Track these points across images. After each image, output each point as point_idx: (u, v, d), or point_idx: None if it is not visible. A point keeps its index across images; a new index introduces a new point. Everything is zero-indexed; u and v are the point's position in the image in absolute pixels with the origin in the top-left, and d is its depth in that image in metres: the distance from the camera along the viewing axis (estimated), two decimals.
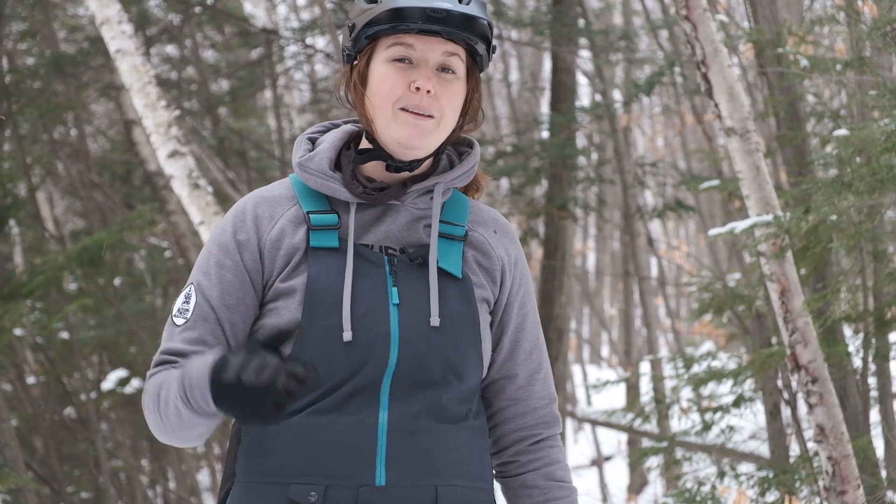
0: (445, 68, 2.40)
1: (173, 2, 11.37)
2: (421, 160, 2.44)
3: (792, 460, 6.94)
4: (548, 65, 17.36)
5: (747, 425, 8.85)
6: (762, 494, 6.53)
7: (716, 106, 4.77)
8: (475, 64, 2.47)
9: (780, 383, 7.09)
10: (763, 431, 8.33)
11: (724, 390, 7.66)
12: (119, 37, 6.84)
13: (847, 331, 6.80)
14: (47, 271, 7.79)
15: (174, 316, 2.42)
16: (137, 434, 12.13)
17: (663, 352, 21.41)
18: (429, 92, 2.36)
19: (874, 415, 6.51)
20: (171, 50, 13.63)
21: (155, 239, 12.87)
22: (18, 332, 9.47)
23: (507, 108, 17.75)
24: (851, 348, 6.20)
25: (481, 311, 2.45)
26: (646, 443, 12.11)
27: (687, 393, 8.91)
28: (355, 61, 2.46)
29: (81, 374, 9.87)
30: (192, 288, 2.43)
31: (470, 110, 2.49)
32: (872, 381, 6.35)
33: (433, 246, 2.41)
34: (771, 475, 6.52)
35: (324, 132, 2.57)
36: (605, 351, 27.45)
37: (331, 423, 2.32)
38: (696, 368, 7.36)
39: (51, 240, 10.99)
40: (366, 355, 2.32)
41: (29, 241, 11.81)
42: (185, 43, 12.42)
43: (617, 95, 14.17)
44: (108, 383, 11.06)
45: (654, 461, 8.18)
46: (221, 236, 2.44)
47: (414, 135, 2.37)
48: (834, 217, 4.86)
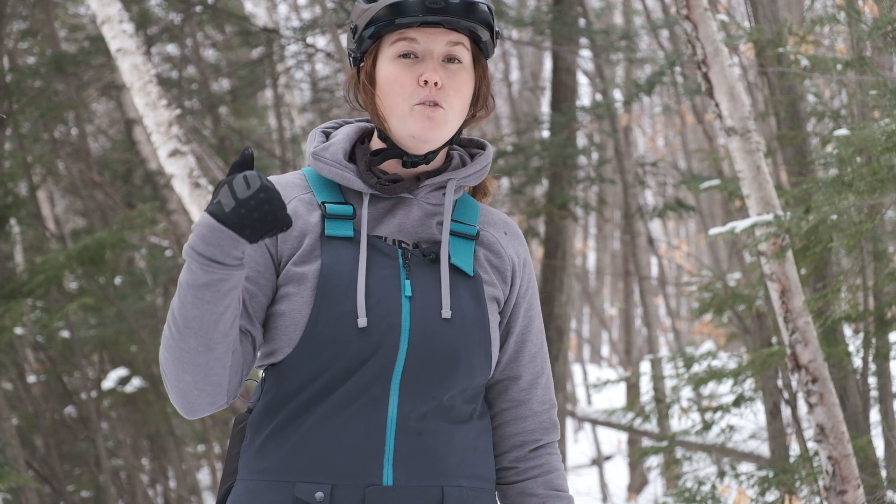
0: (451, 58, 2.41)
1: (174, 1, 11.38)
2: (436, 151, 2.44)
3: (792, 460, 6.95)
4: (548, 64, 17.39)
5: (747, 425, 8.87)
6: (762, 494, 6.54)
7: (716, 105, 4.78)
8: (480, 51, 2.48)
9: (780, 383, 7.10)
10: (763, 431, 8.34)
11: (724, 390, 7.68)
12: (120, 36, 6.85)
13: (847, 330, 6.81)
14: (48, 270, 7.79)
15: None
16: (138, 433, 12.15)
17: (663, 351, 21.42)
18: (436, 84, 2.37)
19: (874, 414, 6.52)
20: (171, 49, 13.65)
21: (156, 238, 12.88)
22: (19, 330, 9.48)
23: (508, 107, 17.76)
24: (851, 348, 6.21)
25: (491, 310, 2.45)
26: (646, 442, 12.13)
27: (687, 392, 8.92)
28: (362, 63, 2.47)
29: (82, 373, 9.87)
30: None
31: (480, 98, 2.50)
32: (872, 380, 6.36)
33: (444, 241, 2.41)
34: (771, 475, 6.52)
35: (337, 128, 2.58)
36: (605, 350, 27.48)
37: (340, 421, 2.31)
38: (696, 368, 7.36)
39: (51, 239, 10.99)
40: (377, 343, 2.31)
41: (30, 240, 11.81)
42: (185, 42, 12.42)
43: (617, 95, 14.18)
44: (109, 382, 11.06)
45: (654, 461, 8.20)
46: None
47: (427, 128, 2.37)
48: (834, 217, 4.87)
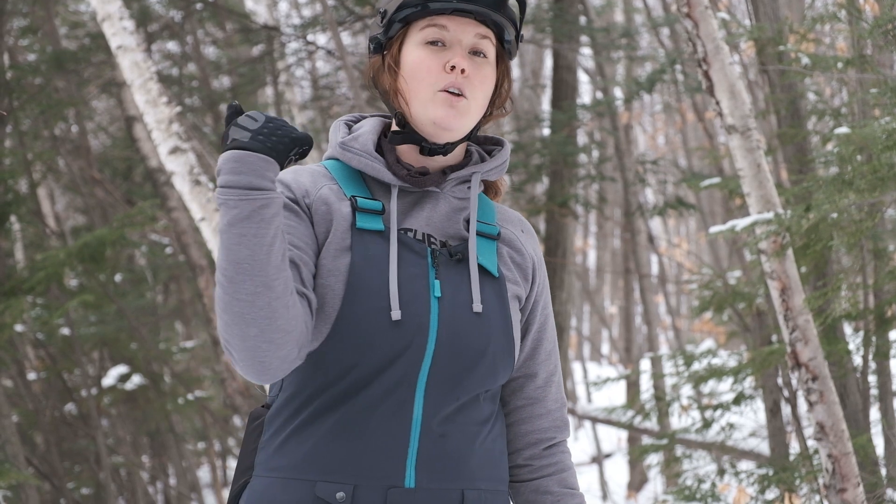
0: (477, 52, 2.41)
1: None
2: (454, 143, 2.44)
3: (792, 458, 6.95)
4: (549, 62, 17.38)
5: (747, 423, 8.87)
6: (762, 492, 6.54)
7: (717, 103, 4.78)
8: (504, 50, 2.48)
9: (780, 381, 7.10)
10: (763, 429, 8.35)
11: (724, 388, 7.69)
12: (120, 33, 6.84)
13: (847, 329, 6.81)
14: (48, 267, 7.79)
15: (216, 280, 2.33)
16: (138, 430, 12.15)
17: (664, 349, 21.42)
18: (463, 71, 2.37)
19: (874, 413, 6.53)
20: (172, 46, 13.65)
21: (156, 235, 12.89)
22: (19, 328, 9.49)
23: (508, 104, 17.74)
24: (852, 346, 6.21)
25: (514, 308, 2.45)
26: (646, 440, 12.13)
27: (687, 390, 8.93)
28: (386, 50, 2.46)
29: (82, 371, 9.87)
30: None
31: (498, 98, 2.51)
32: (872, 378, 6.36)
33: (472, 238, 2.41)
34: (771, 473, 6.52)
35: (356, 121, 2.57)
36: (605, 348, 27.47)
37: (364, 422, 2.30)
38: (696, 366, 7.37)
39: (52, 236, 10.99)
40: (407, 342, 2.29)
41: (30, 238, 11.81)
42: (186, 39, 12.43)
43: (618, 93, 14.17)
44: (109, 379, 11.06)
45: (654, 458, 8.20)
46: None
47: (450, 115, 2.37)
48: (835, 215, 4.86)
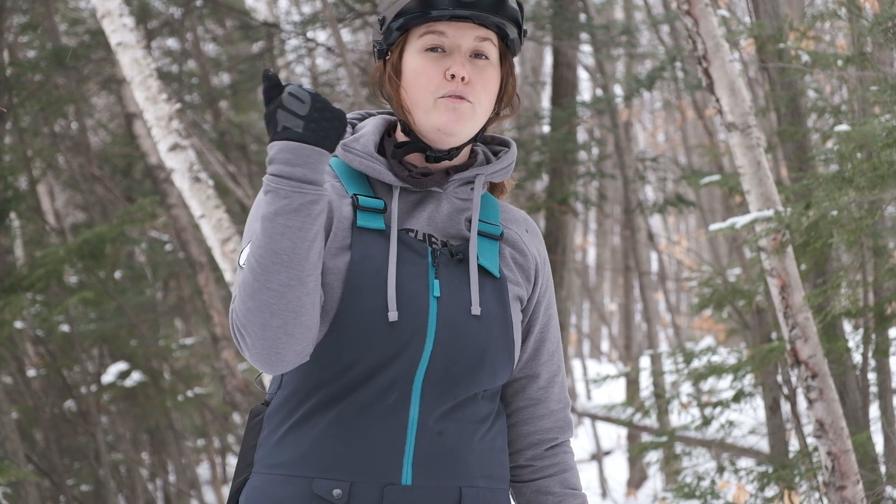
0: (479, 54, 2.39)
1: None
2: (459, 147, 2.43)
3: (791, 455, 6.95)
4: (549, 59, 17.38)
5: (747, 420, 8.87)
6: (762, 489, 6.54)
7: (717, 101, 4.78)
8: (507, 49, 2.46)
9: (779, 378, 7.10)
10: (763, 426, 8.35)
11: (723, 385, 7.69)
12: (120, 30, 6.84)
13: (847, 326, 6.81)
14: (48, 264, 7.79)
15: (243, 265, 2.28)
16: (137, 427, 12.15)
17: (663, 347, 21.42)
18: (463, 79, 2.35)
19: (874, 410, 6.53)
20: (172, 43, 13.63)
21: (156, 232, 12.90)
22: (19, 324, 9.49)
23: (516, 102, 17.73)
24: (851, 344, 6.21)
25: (516, 309, 2.44)
26: (645, 437, 12.12)
27: (687, 388, 8.93)
28: (387, 56, 2.45)
29: (82, 367, 9.87)
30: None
31: (505, 96, 2.49)
32: (872, 376, 6.36)
33: (473, 239, 2.40)
34: (770, 470, 6.53)
35: (361, 119, 2.56)
36: (605, 345, 27.49)
37: (361, 420, 2.30)
38: (695, 363, 7.37)
39: (51, 233, 10.99)
40: (405, 342, 2.29)
41: (30, 234, 11.80)
42: (186, 36, 12.42)
43: (618, 90, 14.18)
44: (109, 376, 11.07)
45: (653, 456, 8.22)
46: None
47: (453, 120, 2.36)
48: (834, 212, 4.86)
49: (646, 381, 14.12)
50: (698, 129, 20.29)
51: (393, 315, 2.28)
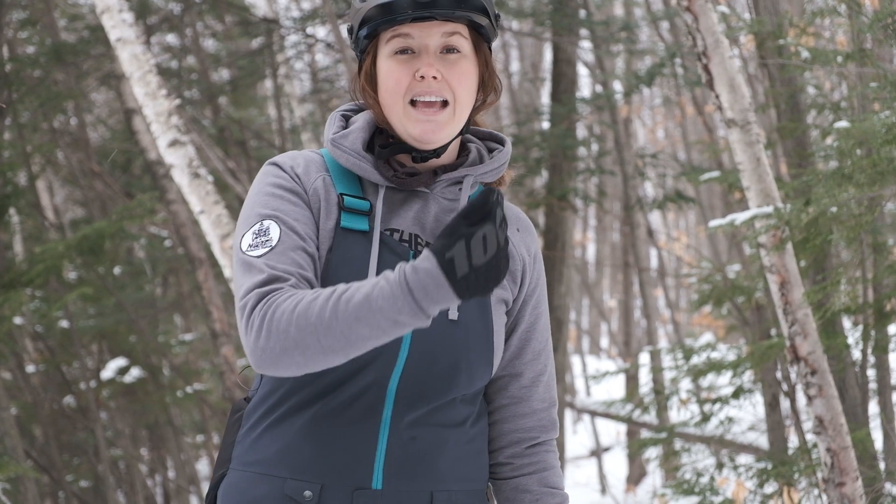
0: (450, 49, 2.37)
1: None
2: (445, 146, 2.42)
3: (791, 452, 6.96)
4: (549, 55, 17.36)
5: (746, 416, 8.88)
6: (761, 486, 6.55)
7: (716, 97, 4.77)
8: (481, 37, 2.44)
9: (779, 375, 7.10)
10: (762, 423, 8.35)
11: (723, 381, 7.70)
12: (120, 25, 6.83)
13: (846, 323, 6.81)
14: (47, 260, 7.78)
15: (247, 251, 2.29)
16: (137, 423, 12.16)
17: (663, 343, 21.44)
18: (434, 77, 2.34)
19: (873, 407, 6.52)
20: (171, 39, 13.63)
21: (155, 228, 12.88)
22: (18, 320, 9.48)
23: (508, 98, 17.73)
24: (851, 340, 6.21)
25: (499, 312, 2.44)
26: (645, 434, 12.13)
27: (686, 384, 8.94)
28: (363, 61, 2.45)
29: (81, 363, 9.87)
30: (266, 222, 2.32)
31: (487, 84, 2.47)
32: (871, 373, 6.36)
33: None
34: (770, 466, 6.53)
35: (356, 111, 2.54)
36: (604, 342, 27.49)
37: (334, 423, 2.31)
38: (695, 359, 7.37)
39: (51, 228, 10.99)
40: (380, 348, 2.27)
41: (29, 230, 11.80)
42: (185, 32, 12.41)
43: (617, 86, 14.17)
44: (108, 372, 11.07)
45: (652, 452, 8.22)
46: (276, 180, 2.38)
47: (428, 130, 2.35)
48: (834, 209, 4.86)
49: (645, 377, 14.14)
50: (698, 126, 20.28)
51: None
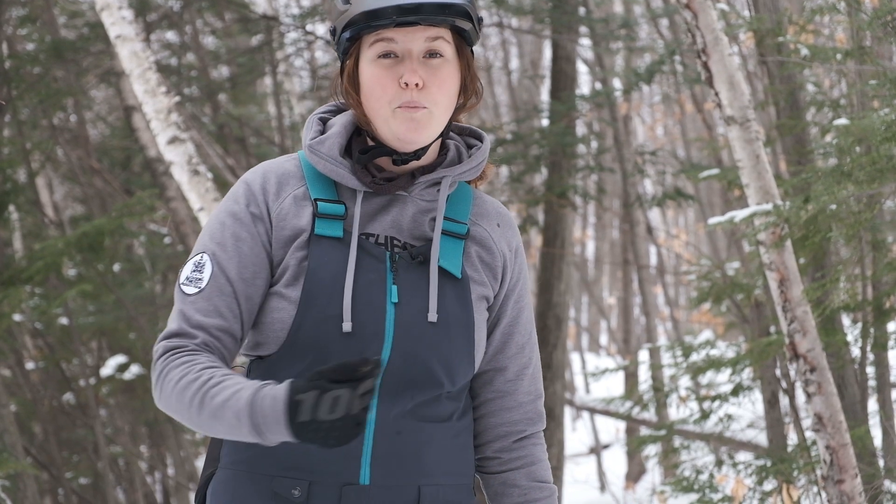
0: (433, 53, 2.38)
1: None
2: (426, 147, 2.43)
3: (790, 449, 6.96)
4: (548, 53, 17.34)
5: (745, 414, 8.88)
6: (760, 483, 6.55)
7: (716, 95, 4.77)
8: (463, 40, 2.45)
9: (778, 372, 7.10)
10: (761, 420, 8.36)
11: (722, 379, 7.69)
12: (119, 22, 6.83)
13: (846, 320, 6.81)
14: (47, 257, 7.79)
15: (183, 284, 2.36)
16: (136, 420, 12.15)
17: (662, 340, 21.43)
18: (417, 85, 2.35)
19: (872, 404, 6.53)
20: (171, 36, 13.62)
21: (154, 225, 12.87)
22: (18, 317, 9.47)
23: (507, 95, 17.74)
24: (850, 338, 6.22)
25: (480, 309, 2.45)
26: (644, 431, 12.14)
27: (685, 381, 8.92)
28: (343, 67, 2.46)
29: (80, 360, 9.87)
30: (204, 257, 2.38)
31: (468, 88, 2.48)
32: (871, 370, 6.36)
33: (435, 244, 2.40)
34: (769, 464, 6.53)
35: (335, 112, 2.55)
36: (603, 339, 27.47)
37: None
38: (694, 357, 7.37)
39: (50, 225, 10.98)
40: (361, 350, 2.31)
41: (28, 227, 11.79)
42: (185, 29, 12.40)
43: (617, 84, 14.15)
44: (107, 369, 11.06)
45: (652, 449, 8.22)
46: (234, 207, 2.41)
47: (411, 129, 2.36)
48: (833, 206, 4.87)
49: (644, 374, 14.14)
50: (697, 123, 20.27)
51: (347, 326, 2.31)
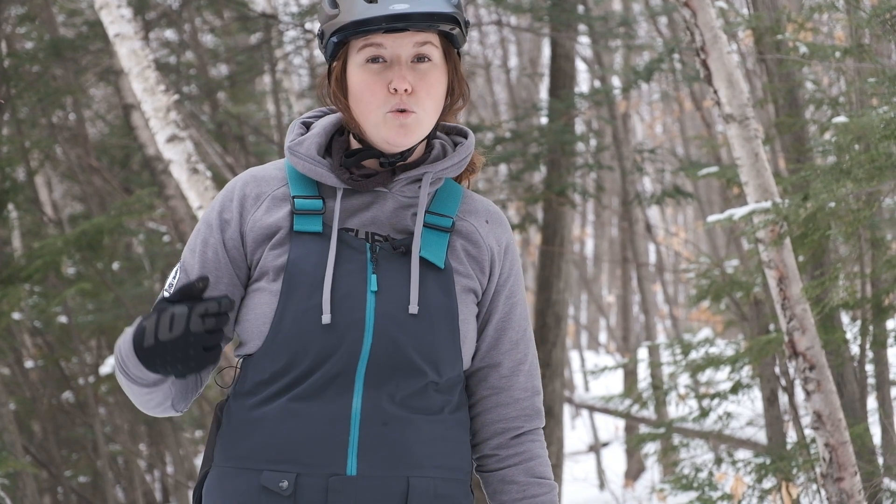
0: (421, 58, 2.41)
1: None
2: (412, 149, 2.46)
3: (789, 447, 6.95)
4: (547, 51, 17.34)
5: (745, 412, 8.87)
6: (759, 481, 6.55)
7: (715, 92, 4.77)
8: (451, 43, 2.48)
9: (777, 370, 7.10)
10: (760, 418, 8.35)
11: (721, 377, 7.68)
12: (118, 21, 6.83)
13: (845, 318, 6.81)
14: (46, 255, 7.79)
15: (164, 290, 2.45)
16: (135, 418, 12.14)
17: (661, 338, 21.38)
18: (406, 90, 2.38)
19: (871, 402, 6.53)
20: (169, 34, 13.61)
21: (153, 223, 12.87)
22: (17, 316, 9.49)
23: (506, 93, 17.74)
24: (849, 335, 6.21)
25: (466, 301, 2.46)
26: (643, 429, 12.14)
27: (684, 379, 8.92)
28: (331, 70, 2.49)
29: (80, 359, 9.88)
30: (178, 265, 2.50)
31: (455, 90, 2.51)
32: (870, 368, 6.36)
33: (417, 234, 2.42)
34: (768, 461, 6.53)
35: (320, 117, 2.58)
36: (602, 337, 27.46)
37: (305, 411, 2.35)
38: (693, 355, 7.37)
39: (49, 224, 10.98)
40: (340, 339, 2.34)
41: (27, 226, 11.80)
42: (183, 27, 12.39)
43: (616, 82, 14.14)
44: (107, 367, 11.06)
45: (651, 447, 8.21)
46: (209, 214, 2.49)
47: (400, 134, 2.40)
48: (832, 204, 4.86)
49: (643, 372, 14.12)
50: (696, 121, 20.27)
51: (326, 317, 2.34)
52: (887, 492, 5.77)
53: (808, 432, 6.62)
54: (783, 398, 7.28)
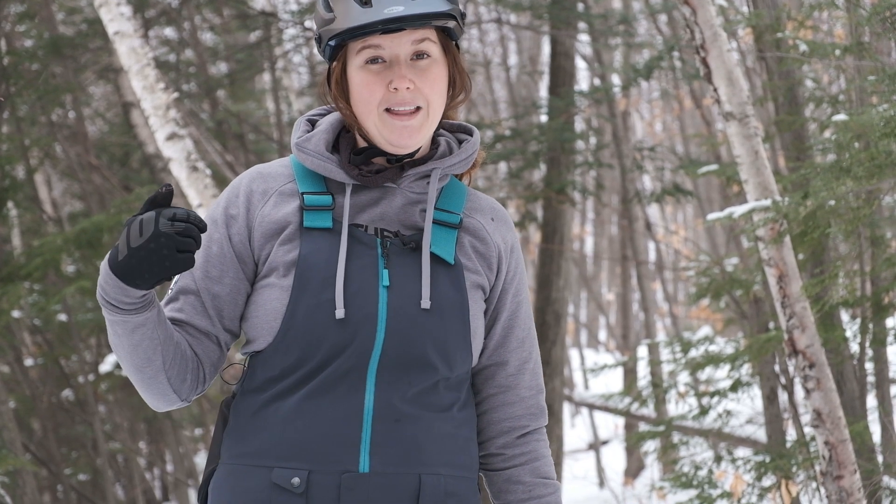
0: (420, 54, 2.41)
1: None
2: (419, 148, 2.46)
3: (789, 445, 6.96)
4: (547, 49, 17.33)
5: (744, 410, 8.87)
6: (759, 479, 6.55)
7: (714, 90, 4.77)
8: (449, 37, 2.48)
9: (777, 368, 7.11)
10: (760, 416, 8.35)
11: (721, 375, 7.68)
12: (117, 19, 6.83)
13: (844, 316, 6.81)
14: (45, 253, 7.79)
15: (170, 288, 2.46)
16: (135, 416, 12.16)
17: (661, 336, 21.34)
18: (408, 88, 2.38)
19: (871, 400, 6.53)
20: (169, 32, 13.60)
21: None
22: (16, 314, 9.48)
23: (506, 91, 17.73)
24: (849, 333, 6.21)
25: (475, 297, 2.46)
26: (643, 427, 12.13)
27: (684, 377, 8.93)
28: (331, 73, 2.49)
29: (79, 357, 9.88)
30: None
31: (456, 83, 2.51)
32: (869, 366, 6.37)
33: (427, 230, 2.42)
34: (768, 459, 6.53)
35: (324, 114, 2.58)
36: (602, 335, 27.47)
37: (317, 408, 2.34)
38: (693, 353, 7.38)
39: (49, 222, 10.98)
40: (353, 334, 2.34)
41: (27, 224, 11.80)
42: (183, 25, 12.39)
43: (616, 80, 14.15)
44: (106, 365, 11.06)
45: (651, 445, 8.20)
46: (214, 211, 2.48)
47: (405, 136, 2.40)
48: (832, 202, 4.86)
49: (643, 370, 14.12)
50: (696, 119, 20.26)
51: (340, 312, 2.33)
52: (887, 490, 5.77)
53: (807, 430, 6.63)
54: (783, 396, 7.28)
